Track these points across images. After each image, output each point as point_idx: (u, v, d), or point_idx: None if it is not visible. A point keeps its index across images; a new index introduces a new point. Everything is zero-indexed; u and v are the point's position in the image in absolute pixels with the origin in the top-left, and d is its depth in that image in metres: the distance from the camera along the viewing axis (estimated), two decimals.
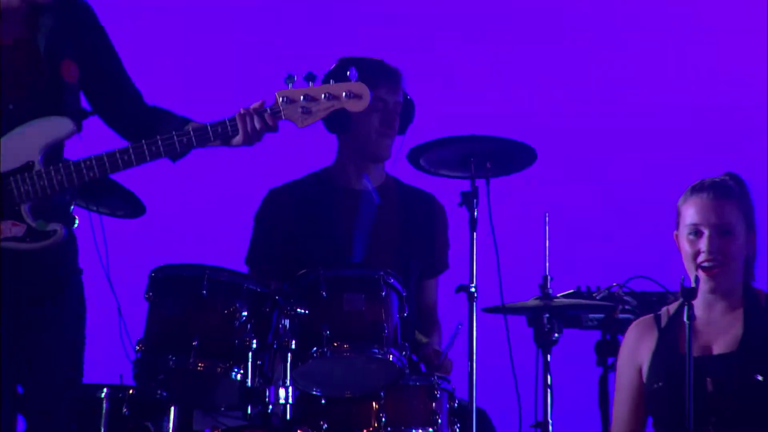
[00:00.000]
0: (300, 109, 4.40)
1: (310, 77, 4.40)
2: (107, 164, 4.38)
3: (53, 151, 4.39)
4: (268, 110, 4.40)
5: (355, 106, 4.46)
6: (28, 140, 4.39)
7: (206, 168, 6.39)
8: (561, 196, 6.73)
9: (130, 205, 5.18)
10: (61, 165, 4.38)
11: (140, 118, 4.54)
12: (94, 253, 4.78)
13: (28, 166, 4.34)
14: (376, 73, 5.43)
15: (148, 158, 4.39)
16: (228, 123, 4.39)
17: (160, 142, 4.37)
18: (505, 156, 5.21)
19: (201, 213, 6.46)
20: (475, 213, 5.08)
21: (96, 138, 4.66)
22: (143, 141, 4.38)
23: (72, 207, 4.56)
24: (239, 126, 4.38)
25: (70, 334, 4.43)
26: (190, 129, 4.39)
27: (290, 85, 4.40)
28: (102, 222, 4.83)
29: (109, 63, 4.56)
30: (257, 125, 4.38)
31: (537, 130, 6.27)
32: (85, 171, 4.33)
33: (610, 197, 7.05)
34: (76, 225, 4.62)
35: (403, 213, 5.65)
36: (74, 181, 4.36)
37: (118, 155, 4.38)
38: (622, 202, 7.00)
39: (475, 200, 5.08)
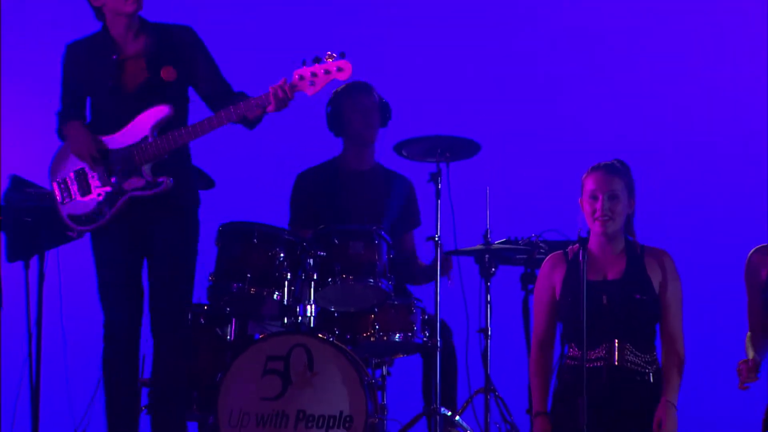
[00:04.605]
0: (308, 82, 5.05)
1: (316, 59, 5.06)
2: (188, 133, 5.10)
3: (162, 128, 5.12)
4: (288, 84, 5.03)
5: (342, 76, 5.06)
6: (143, 122, 5.12)
7: (257, 157, 6.90)
8: (497, 175, 7.00)
9: (204, 181, 5.88)
10: (162, 137, 5.11)
11: (228, 102, 5.15)
12: None
13: (144, 140, 5.11)
14: (355, 87, 6.25)
15: (215, 125, 5.08)
16: (264, 96, 5.06)
17: (215, 118, 5.07)
18: (459, 148, 5.91)
19: (254, 187, 6.86)
20: (439, 187, 5.80)
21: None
22: (210, 116, 5.07)
23: (188, 164, 5.21)
24: (272, 97, 5.03)
25: (185, 251, 5.17)
26: (240, 102, 5.06)
27: (303, 66, 5.07)
28: None
29: (202, 66, 5.23)
30: (281, 95, 5.02)
31: (482, 129, 6.56)
32: (173, 139, 5.09)
33: (531, 176, 7.58)
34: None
35: (386, 187, 6.33)
36: (170, 146, 5.08)
37: (196, 126, 5.09)
38: (539, 180, 7.52)
39: (439, 178, 5.80)
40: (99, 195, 5.15)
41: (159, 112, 5.14)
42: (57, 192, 5.23)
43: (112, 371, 5.13)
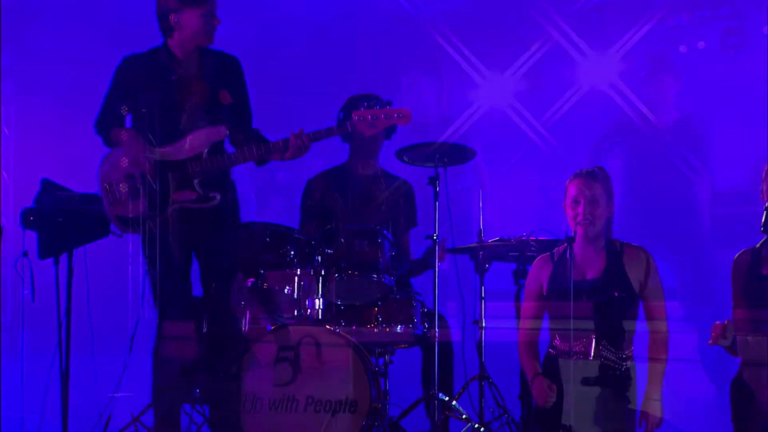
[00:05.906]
0: (367, 124, 5.31)
1: (372, 105, 5.45)
2: (244, 156, 5.37)
3: (215, 147, 5.37)
4: (349, 123, 5.28)
5: (402, 122, 5.34)
6: (200, 139, 5.33)
7: (271, 167, 6.57)
8: (490, 179, 7.16)
9: None
10: (216, 156, 5.32)
11: (249, 134, 5.48)
12: None
13: (198, 156, 5.31)
14: (367, 101, 6.17)
15: (255, 158, 5.35)
16: (282, 142, 5.34)
17: (255, 149, 5.33)
18: (456, 154, 6.11)
19: (267, 193, 6.99)
20: (437, 189, 5.97)
21: None
22: (252, 145, 5.32)
23: (229, 178, 5.40)
24: (292, 143, 5.28)
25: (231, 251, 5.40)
26: (269, 144, 5.36)
27: (362, 108, 5.41)
28: None
29: (242, 95, 5.45)
30: (300, 143, 5.30)
31: (477, 136, 6.81)
32: (228, 160, 5.35)
33: (522, 180, 7.64)
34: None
35: (389, 191, 6.48)
36: (224, 166, 5.33)
37: (239, 154, 5.36)
38: (529, 183, 7.60)
39: (437, 182, 5.98)
40: (149, 201, 5.31)
41: (217, 133, 5.36)
42: (106, 194, 5.37)
43: (164, 372, 5.41)
